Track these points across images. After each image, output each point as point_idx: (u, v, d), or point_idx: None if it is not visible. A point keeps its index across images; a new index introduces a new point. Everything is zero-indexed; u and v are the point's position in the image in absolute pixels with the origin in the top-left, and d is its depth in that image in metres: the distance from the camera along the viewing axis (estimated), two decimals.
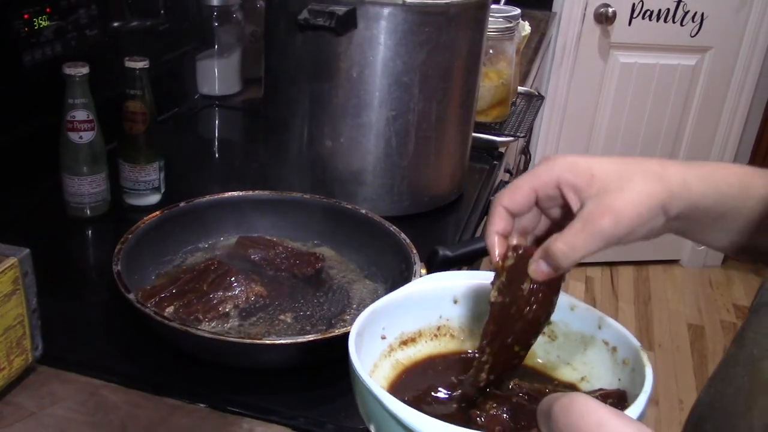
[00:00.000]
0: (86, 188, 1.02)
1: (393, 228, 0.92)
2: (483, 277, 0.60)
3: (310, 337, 0.74)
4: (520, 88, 1.68)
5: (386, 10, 0.97)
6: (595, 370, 0.58)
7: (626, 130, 2.86)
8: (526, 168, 2.17)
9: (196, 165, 1.31)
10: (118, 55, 1.03)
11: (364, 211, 0.96)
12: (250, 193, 1.00)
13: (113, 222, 1.05)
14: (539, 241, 0.56)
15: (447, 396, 0.57)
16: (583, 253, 0.52)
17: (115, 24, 1.20)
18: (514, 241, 0.57)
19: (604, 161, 0.54)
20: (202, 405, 0.72)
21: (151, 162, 1.07)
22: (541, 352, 0.61)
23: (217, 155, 1.42)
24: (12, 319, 0.69)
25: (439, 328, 0.62)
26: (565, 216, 0.56)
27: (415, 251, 0.88)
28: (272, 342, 0.77)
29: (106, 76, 1.02)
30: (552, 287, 0.54)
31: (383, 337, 0.58)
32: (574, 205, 0.54)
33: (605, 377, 0.57)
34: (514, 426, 0.51)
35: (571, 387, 0.58)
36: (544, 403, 0.42)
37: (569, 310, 0.60)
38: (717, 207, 0.58)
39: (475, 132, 1.22)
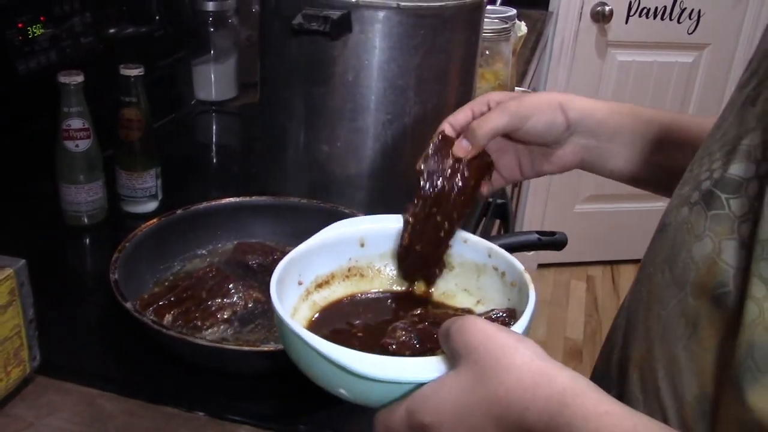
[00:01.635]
0: (83, 196, 1.02)
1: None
2: (387, 221, 0.68)
3: None
4: (518, 89, 1.67)
5: (381, 14, 0.97)
6: (488, 293, 0.66)
7: None
8: None
9: (193, 171, 1.30)
10: (113, 62, 1.03)
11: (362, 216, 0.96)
12: (248, 198, 1.00)
13: (111, 230, 1.05)
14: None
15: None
16: (493, 125, 0.68)
17: (110, 31, 1.20)
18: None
19: (528, 94, 0.72)
20: (200, 413, 0.72)
21: (147, 169, 1.06)
22: (441, 283, 0.69)
23: (214, 161, 1.41)
24: (9, 330, 0.68)
25: (349, 269, 0.68)
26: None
27: None
28: (271, 349, 0.76)
29: (101, 83, 1.02)
30: (475, 172, 0.67)
31: (300, 283, 0.64)
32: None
33: (497, 299, 0.65)
34: (421, 349, 0.57)
35: (468, 311, 0.65)
36: (443, 326, 0.49)
37: (463, 242, 0.68)
38: (611, 121, 0.74)
39: None
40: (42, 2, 1.06)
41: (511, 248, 0.98)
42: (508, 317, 0.60)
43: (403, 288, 0.69)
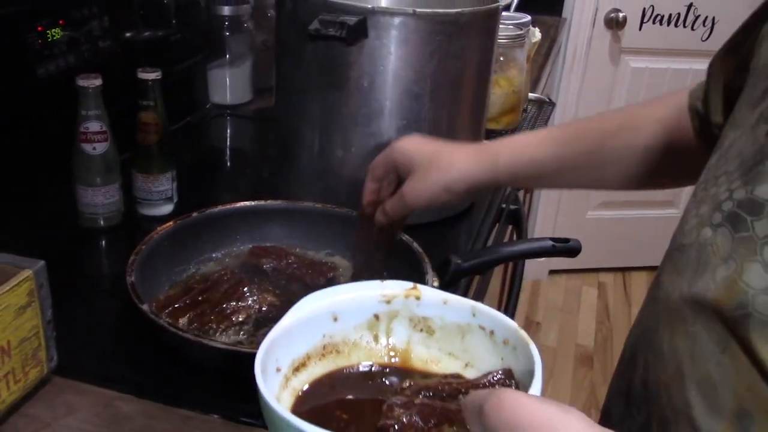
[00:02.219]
0: (100, 199, 1.03)
1: (405, 237, 0.93)
2: (361, 289, 0.64)
3: None
4: (531, 95, 1.68)
5: (397, 20, 0.98)
6: (477, 354, 0.61)
7: None
8: None
9: (208, 174, 1.31)
10: (131, 66, 1.04)
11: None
12: (263, 202, 1.01)
13: (127, 232, 1.05)
14: None
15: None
16: (401, 215, 0.85)
17: (128, 35, 1.21)
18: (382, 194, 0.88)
19: (424, 150, 0.84)
20: (215, 415, 0.73)
21: (163, 172, 1.07)
22: (421, 349, 0.64)
23: (228, 164, 1.42)
24: (27, 331, 0.69)
25: (324, 347, 0.63)
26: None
27: (427, 260, 0.88)
28: None
29: (118, 86, 1.03)
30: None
31: (278, 369, 0.59)
32: (402, 179, 0.85)
33: (488, 359, 0.60)
34: (426, 428, 0.53)
35: (458, 376, 0.61)
36: (470, 403, 0.45)
37: (442, 304, 0.63)
38: (525, 173, 0.85)
39: (486, 139, 1.22)
40: (61, 6, 1.07)
41: (526, 255, 0.98)
42: (506, 378, 0.57)
43: (384, 359, 0.64)
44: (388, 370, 0.64)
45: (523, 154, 0.84)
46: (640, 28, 2.66)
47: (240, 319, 0.83)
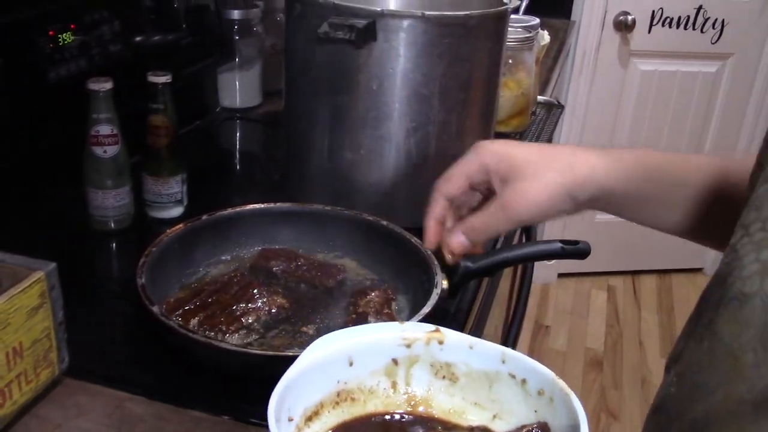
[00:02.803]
0: (110, 202, 1.03)
1: (414, 239, 0.93)
2: (377, 331, 0.60)
3: None
4: (540, 98, 1.68)
5: (406, 23, 0.98)
6: (506, 405, 0.57)
7: (647, 137, 2.84)
8: None
9: (218, 177, 1.32)
10: (141, 70, 1.04)
11: (385, 223, 0.97)
12: (272, 205, 1.01)
13: (137, 235, 1.06)
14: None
15: None
16: (497, 232, 0.64)
17: (138, 39, 1.21)
18: (449, 224, 0.67)
19: (524, 150, 0.65)
20: (226, 417, 0.73)
21: (173, 175, 1.08)
22: (443, 398, 0.59)
23: (238, 167, 1.43)
24: (39, 333, 0.70)
25: (338, 394, 0.59)
26: (491, 193, 0.66)
27: (436, 262, 0.88)
28: (295, 354, 0.76)
29: (129, 90, 1.04)
30: None
31: (290, 419, 0.56)
32: (498, 188, 0.65)
33: (519, 411, 0.56)
34: None
35: (485, 429, 0.57)
36: None
37: (468, 349, 0.59)
38: (634, 190, 0.66)
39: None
40: (72, 11, 1.07)
41: (535, 257, 0.98)
42: None
43: (402, 408, 0.60)
44: (406, 419, 0.59)
45: (651, 160, 0.68)
46: (649, 31, 2.66)
47: (250, 321, 0.84)
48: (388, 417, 0.60)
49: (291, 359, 0.75)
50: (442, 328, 0.59)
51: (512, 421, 0.56)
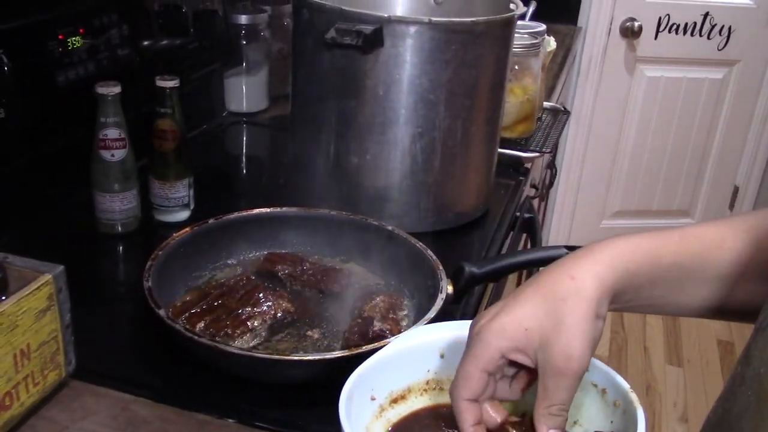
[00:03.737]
0: (117, 205, 1.04)
1: (419, 244, 0.93)
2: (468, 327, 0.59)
3: (337, 354, 0.75)
4: (546, 104, 1.68)
5: (412, 29, 0.98)
6: (587, 413, 0.58)
7: (653, 144, 2.84)
8: (551, 184, 2.16)
9: (224, 181, 1.32)
10: (149, 74, 1.05)
11: (390, 228, 0.97)
12: (278, 209, 1.01)
13: (143, 238, 1.07)
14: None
15: None
16: (568, 400, 0.53)
17: (146, 43, 1.22)
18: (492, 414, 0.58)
19: (526, 308, 0.55)
20: (230, 420, 0.73)
21: (180, 179, 1.08)
22: (530, 398, 0.58)
23: (244, 172, 1.43)
24: (47, 335, 0.70)
25: (428, 383, 0.62)
26: (519, 367, 0.57)
27: (441, 267, 0.89)
28: (300, 358, 0.77)
29: (136, 94, 1.04)
30: None
31: (373, 398, 0.58)
32: (530, 363, 0.55)
33: (597, 420, 0.57)
34: None
35: None
36: None
37: None
38: (647, 284, 0.60)
39: (500, 148, 1.23)
40: (81, 15, 1.08)
41: (540, 262, 0.98)
42: None
43: (487, 403, 0.58)
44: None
45: (640, 249, 0.61)
46: (655, 37, 2.66)
47: (255, 325, 0.84)
48: None
49: (296, 363, 0.76)
50: None
51: (590, 428, 0.58)
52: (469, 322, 0.59)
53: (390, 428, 0.59)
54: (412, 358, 0.61)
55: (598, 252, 0.58)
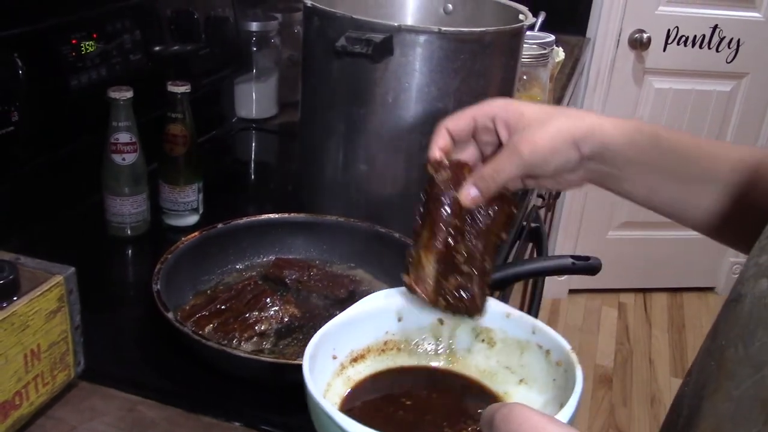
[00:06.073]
0: (127, 208, 1.05)
1: None
2: None
3: None
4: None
5: (422, 38, 0.99)
6: (532, 372, 0.62)
7: None
8: (558, 194, 2.17)
9: (233, 187, 1.33)
10: (160, 79, 1.06)
11: (397, 235, 0.98)
12: (286, 215, 1.02)
13: (153, 241, 1.07)
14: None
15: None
16: (507, 176, 0.62)
17: (158, 48, 1.23)
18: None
19: (531, 105, 0.65)
20: (237, 423, 0.74)
21: (190, 183, 1.09)
22: (481, 359, 0.65)
23: (253, 177, 1.44)
24: (57, 336, 0.71)
25: (385, 343, 0.65)
26: (495, 153, 0.66)
27: None
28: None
29: (148, 99, 1.05)
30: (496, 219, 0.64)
31: (334, 357, 0.61)
32: (504, 137, 0.65)
33: (541, 378, 0.61)
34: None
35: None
36: (486, 413, 0.46)
37: (505, 317, 0.64)
38: (628, 152, 0.65)
39: None
40: (94, 20, 1.09)
41: (546, 271, 0.99)
42: None
43: (441, 364, 0.66)
44: (445, 373, 0.65)
45: (654, 127, 0.67)
46: (664, 49, 2.66)
47: (262, 329, 0.85)
48: (428, 369, 0.65)
49: (301, 367, 0.77)
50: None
51: (534, 386, 0.62)
52: None
53: (353, 386, 0.62)
54: (372, 320, 0.64)
55: (620, 119, 0.65)
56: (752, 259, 0.52)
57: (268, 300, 0.88)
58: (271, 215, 1.01)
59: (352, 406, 0.60)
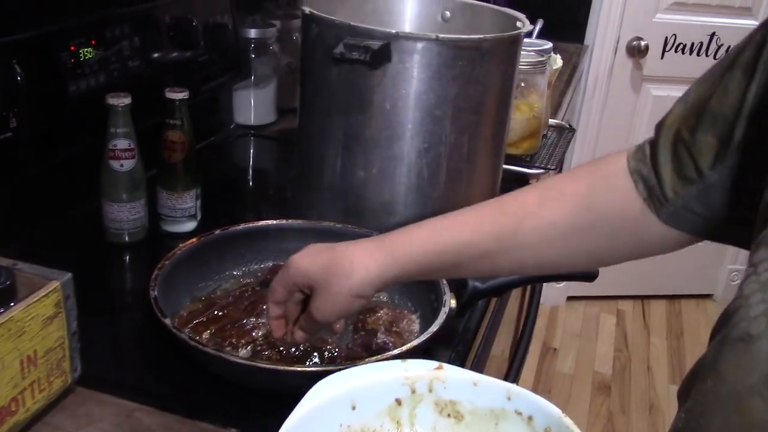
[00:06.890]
0: (125, 215, 1.05)
1: None
2: (380, 370, 0.60)
3: (340, 366, 0.75)
4: (552, 121, 1.69)
5: (420, 45, 0.99)
6: None
7: None
8: None
9: (231, 193, 1.33)
10: (159, 86, 1.06)
11: None
12: (284, 221, 1.02)
13: (150, 248, 1.07)
14: None
15: None
16: (319, 330, 0.77)
17: (156, 55, 1.24)
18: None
19: (316, 264, 0.73)
20: (233, 429, 0.74)
21: (188, 190, 1.09)
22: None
23: (251, 184, 1.44)
24: (53, 342, 0.71)
25: None
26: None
27: (445, 282, 0.89)
28: (303, 369, 0.78)
29: (146, 105, 1.06)
30: None
31: None
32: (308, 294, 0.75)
33: None
34: None
35: None
36: None
37: (472, 386, 0.58)
38: (428, 267, 0.73)
39: (505, 164, 1.23)
40: (93, 26, 1.10)
41: (542, 278, 0.99)
42: None
43: None
44: None
45: (426, 243, 0.73)
46: (662, 57, 2.67)
47: (260, 335, 0.85)
48: None
49: (299, 374, 0.77)
50: (445, 365, 0.59)
51: None
52: (378, 364, 0.62)
53: None
54: (325, 414, 0.57)
55: (382, 246, 0.73)
56: (754, 295, 0.48)
57: (265, 306, 0.88)
58: (269, 221, 1.01)
59: None
